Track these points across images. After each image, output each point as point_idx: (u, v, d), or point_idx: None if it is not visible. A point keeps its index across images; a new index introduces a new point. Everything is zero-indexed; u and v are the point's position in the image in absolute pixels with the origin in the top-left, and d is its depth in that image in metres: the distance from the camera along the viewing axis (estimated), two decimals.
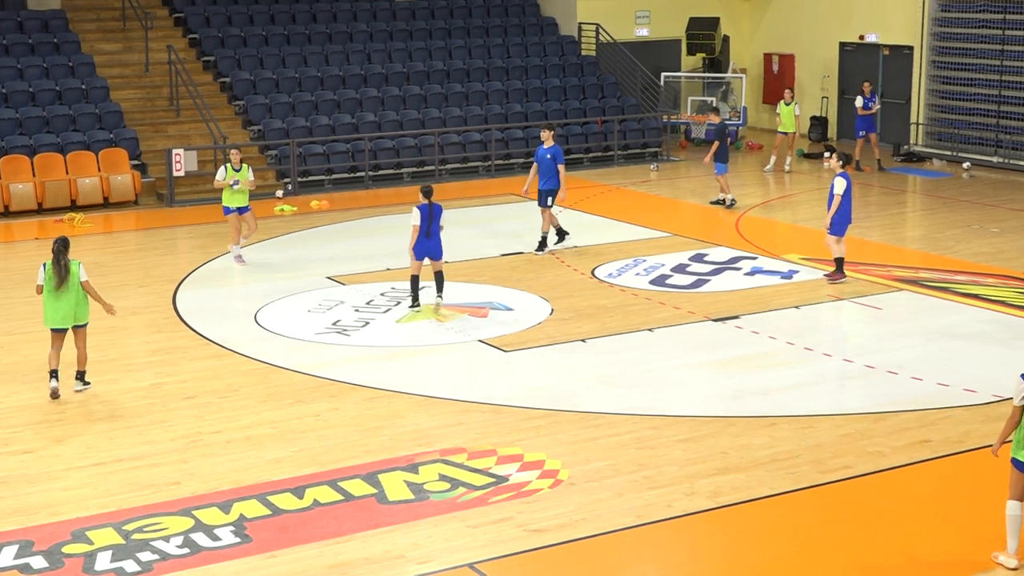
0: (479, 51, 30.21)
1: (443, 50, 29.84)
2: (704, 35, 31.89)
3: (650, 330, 15.94)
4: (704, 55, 32.31)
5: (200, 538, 10.29)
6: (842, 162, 17.95)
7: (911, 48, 29.63)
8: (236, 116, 26.82)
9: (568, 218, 22.05)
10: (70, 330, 13.66)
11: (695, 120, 30.75)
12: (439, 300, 16.92)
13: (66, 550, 10.09)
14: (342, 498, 11.04)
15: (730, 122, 30.35)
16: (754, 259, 19.55)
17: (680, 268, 18.99)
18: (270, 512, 10.77)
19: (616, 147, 28.68)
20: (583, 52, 31.61)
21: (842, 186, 17.66)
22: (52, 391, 13.64)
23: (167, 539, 10.26)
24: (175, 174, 24.15)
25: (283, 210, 23.39)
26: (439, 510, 10.79)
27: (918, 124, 29.40)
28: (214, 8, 29.10)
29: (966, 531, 10.34)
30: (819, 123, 31.44)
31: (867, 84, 27.48)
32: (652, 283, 18.15)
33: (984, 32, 28.33)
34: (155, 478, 11.49)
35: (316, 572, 9.76)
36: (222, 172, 19.28)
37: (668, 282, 18.19)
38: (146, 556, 9.98)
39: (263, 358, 14.98)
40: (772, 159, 27.64)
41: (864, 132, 27.22)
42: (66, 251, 13.55)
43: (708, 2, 33.16)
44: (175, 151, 24.16)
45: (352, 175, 26.37)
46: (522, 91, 29.33)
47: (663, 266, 19.09)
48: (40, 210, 23.35)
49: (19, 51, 26.34)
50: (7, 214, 23.19)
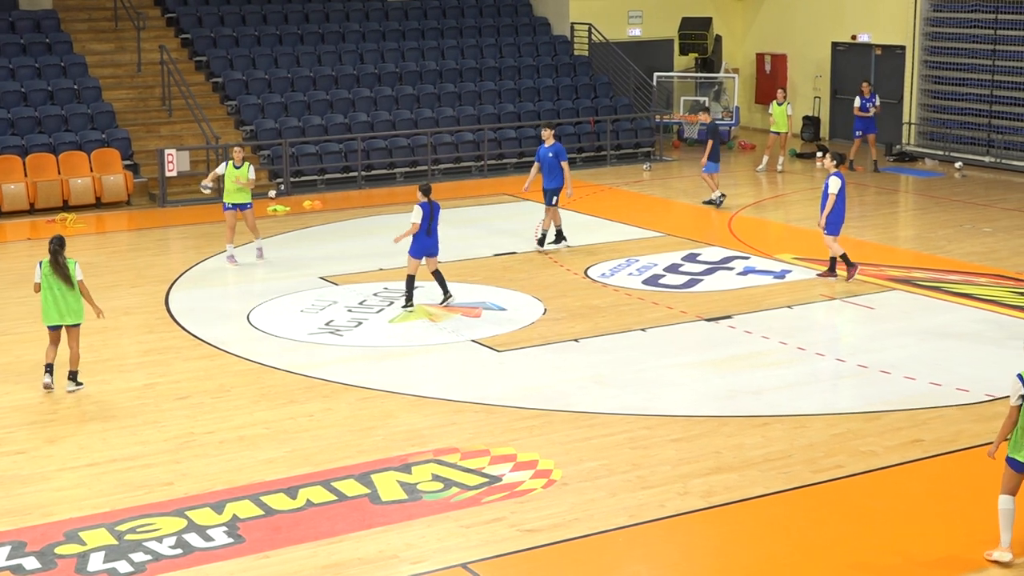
0: (472, 51, 30.22)
1: (436, 50, 29.84)
2: (696, 35, 31.90)
3: (643, 330, 15.95)
4: (697, 55, 32.33)
5: (193, 538, 10.28)
6: (836, 161, 17.98)
7: (903, 48, 29.69)
8: (228, 116, 26.79)
9: (561, 218, 22.03)
10: (64, 329, 13.68)
11: (688, 120, 30.77)
12: (450, 300, 16.91)
13: (59, 551, 10.08)
14: (335, 498, 11.04)
15: (722, 122, 30.41)
16: (747, 259, 19.57)
17: (673, 268, 19.00)
18: (263, 512, 10.76)
19: (609, 147, 28.69)
20: (576, 52, 31.62)
21: (837, 185, 17.69)
22: (45, 385, 13.72)
23: (160, 540, 10.26)
24: (167, 174, 24.13)
25: (276, 210, 23.37)
26: (432, 510, 10.79)
27: (910, 124, 29.45)
28: (206, 8, 29.07)
29: (958, 530, 10.36)
30: (811, 123, 31.47)
31: (866, 84, 27.50)
32: (645, 283, 18.16)
33: (976, 32, 28.37)
34: (148, 478, 11.48)
35: (309, 572, 9.76)
36: (222, 167, 19.52)
37: (661, 282, 18.21)
38: (139, 557, 9.97)
39: (256, 358, 14.97)
40: (765, 159, 27.66)
41: (861, 132, 27.24)
42: (63, 249, 13.57)
43: (700, 2, 33.19)
44: (167, 151, 24.14)
45: (345, 175, 26.36)
46: (515, 91, 29.34)
47: (656, 266, 19.11)
48: (32, 210, 23.32)
49: (11, 51, 26.30)
50: None
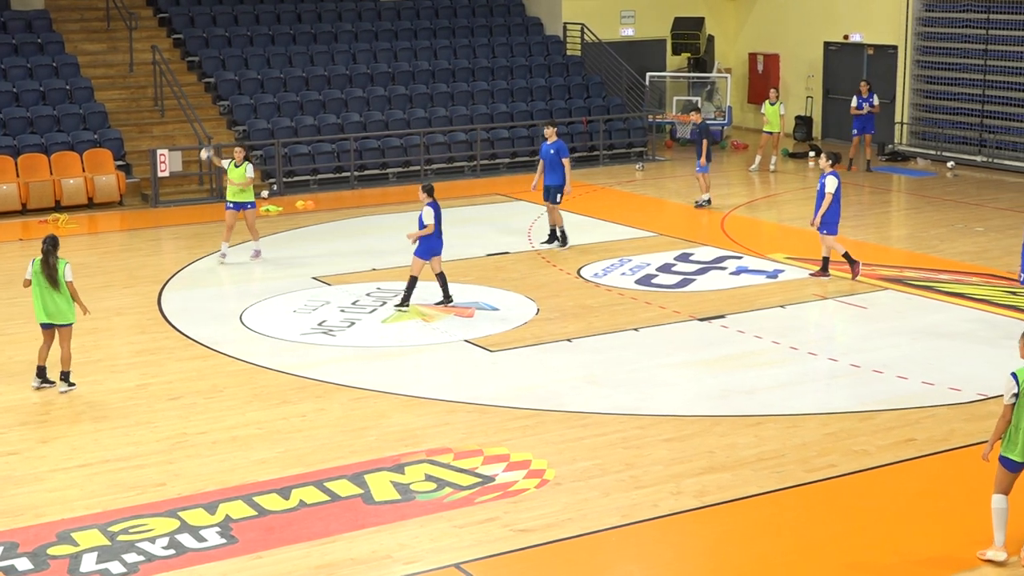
0: (464, 51, 30.21)
1: (428, 50, 29.83)
2: (689, 35, 31.92)
3: (636, 330, 15.95)
4: (689, 55, 32.34)
5: (186, 539, 10.27)
6: (831, 161, 17.98)
7: (895, 48, 29.73)
8: (221, 116, 26.76)
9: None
10: (56, 329, 13.68)
11: (680, 120, 30.79)
12: (448, 303, 16.89)
13: (51, 551, 10.06)
14: (328, 498, 11.03)
15: (714, 122, 30.43)
16: (739, 259, 19.58)
17: (666, 268, 19.01)
18: (256, 513, 10.75)
19: (601, 147, 28.70)
20: (568, 52, 31.62)
21: (834, 184, 17.71)
22: (34, 387, 13.77)
23: (153, 540, 10.24)
24: (160, 174, 24.10)
25: (268, 210, 23.34)
26: (425, 510, 10.79)
27: (902, 123, 29.49)
28: (199, 8, 29.04)
29: (951, 529, 10.37)
30: (804, 123, 31.51)
31: (863, 84, 27.54)
32: (638, 283, 18.16)
33: (968, 32, 28.42)
34: (140, 479, 11.47)
35: (302, 573, 9.75)
36: (226, 162, 19.79)
37: (654, 282, 18.21)
38: (132, 557, 9.96)
39: (249, 359, 14.95)
40: (757, 159, 27.69)
41: (857, 132, 27.28)
42: (55, 250, 13.56)
43: (693, 2, 33.21)
44: (160, 151, 24.11)
45: (338, 175, 26.35)
46: (507, 91, 29.33)
47: (649, 266, 19.11)
48: (24, 211, 23.28)
49: (2, 51, 26.25)
50: None
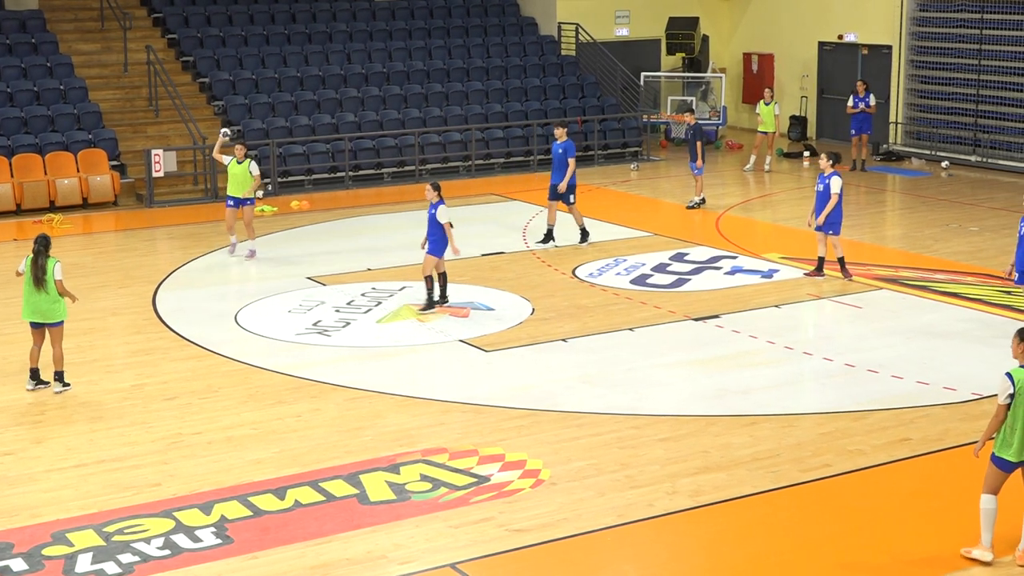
0: (459, 51, 30.20)
1: (423, 50, 29.82)
2: (684, 35, 31.93)
3: (631, 330, 15.96)
4: (684, 55, 32.35)
5: (181, 539, 10.27)
6: (832, 161, 17.97)
7: (890, 48, 29.76)
8: (215, 116, 26.74)
9: (557, 218, 22.02)
10: (46, 329, 13.68)
11: (675, 120, 30.80)
12: (444, 304, 16.86)
13: (46, 552, 10.05)
14: (324, 499, 11.03)
15: (708, 122, 30.44)
16: (734, 258, 19.59)
17: (661, 267, 19.02)
18: (251, 513, 10.75)
19: (596, 147, 28.69)
20: (563, 52, 31.62)
21: (839, 185, 17.73)
22: (30, 390, 13.76)
23: (148, 541, 10.24)
24: (154, 175, 24.09)
25: (263, 211, 23.33)
26: (421, 510, 10.79)
27: (897, 123, 29.52)
28: (193, 8, 29.01)
29: (945, 528, 10.38)
30: (798, 122, 31.52)
31: (860, 83, 27.57)
32: (633, 283, 18.17)
33: (962, 32, 28.45)
34: (136, 479, 11.46)
35: (298, 573, 9.75)
36: (228, 159, 19.93)
37: (649, 281, 18.22)
38: (127, 558, 9.95)
39: (244, 359, 14.95)
40: (752, 158, 27.70)
41: (855, 132, 27.30)
42: (46, 251, 13.55)
43: (687, 2, 33.22)
44: (154, 152, 24.10)
45: (332, 175, 26.34)
46: (502, 91, 29.33)
47: (644, 265, 19.12)
48: (19, 211, 23.26)
49: None
50: None
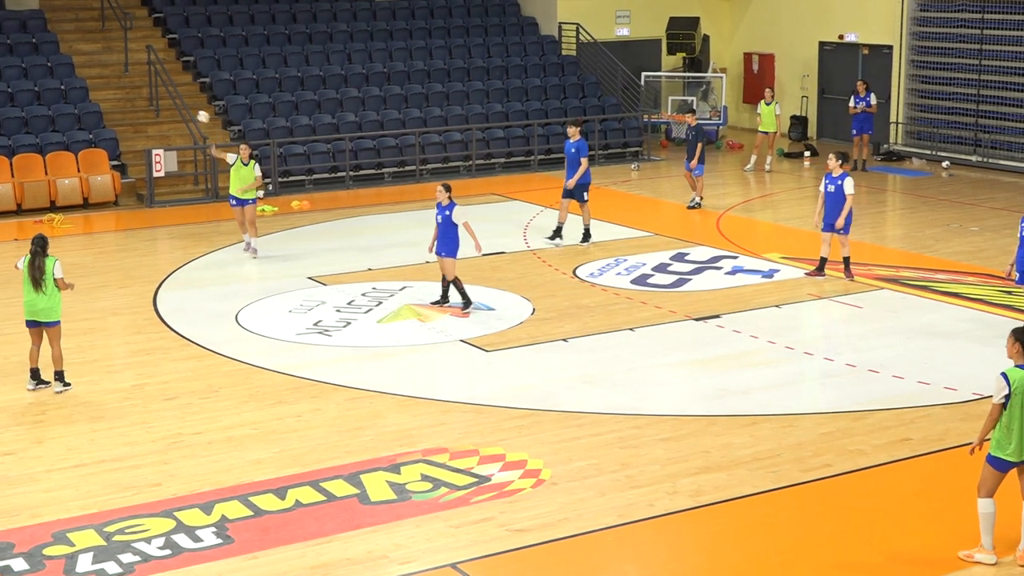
0: (459, 51, 30.20)
1: (423, 50, 29.83)
2: (684, 35, 31.92)
3: (632, 329, 15.96)
4: (684, 55, 32.35)
5: (182, 539, 10.27)
6: (841, 161, 17.96)
7: (890, 47, 29.76)
8: (216, 116, 26.74)
9: (550, 218, 22.05)
10: (43, 329, 13.68)
11: (676, 120, 30.79)
12: (444, 303, 16.86)
13: (47, 552, 10.06)
14: (324, 499, 11.03)
15: (710, 122, 30.45)
16: (735, 258, 19.59)
17: (661, 267, 19.02)
18: (252, 513, 10.75)
19: (597, 147, 28.67)
20: (563, 52, 31.62)
21: (853, 185, 17.74)
22: (31, 390, 13.77)
23: (148, 540, 10.24)
24: (155, 175, 24.09)
25: (264, 211, 23.33)
26: (421, 510, 10.79)
27: (898, 123, 29.52)
28: (193, 8, 29.01)
29: (946, 528, 10.38)
30: (799, 122, 31.52)
31: (860, 83, 27.58)
32: (633, 282, 18.17)
33: (963, 32, 28.45)
34: (136, 479, 11.47)
35: (298, 573, 9.75)
36: (232, 158, 19.99)
37: (649, 281, 18.22)
38: (127, 558, 9.96)
39: (244, 359, 14.95)
40: (752, 158, 27.70)
41: (856, 131, 27.29)
42: (43, 252, 13.55)
43: (688, 2, 33.21)
44: (155, 151, 24.10)
45: (333, 175, 26.34)
46: (503, 91, 29.33)
47: (644, 265, 19.12)
48: (19, 211, 23.26)
49: None
50: None
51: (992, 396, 9.53)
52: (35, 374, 13.83)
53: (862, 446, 12.13)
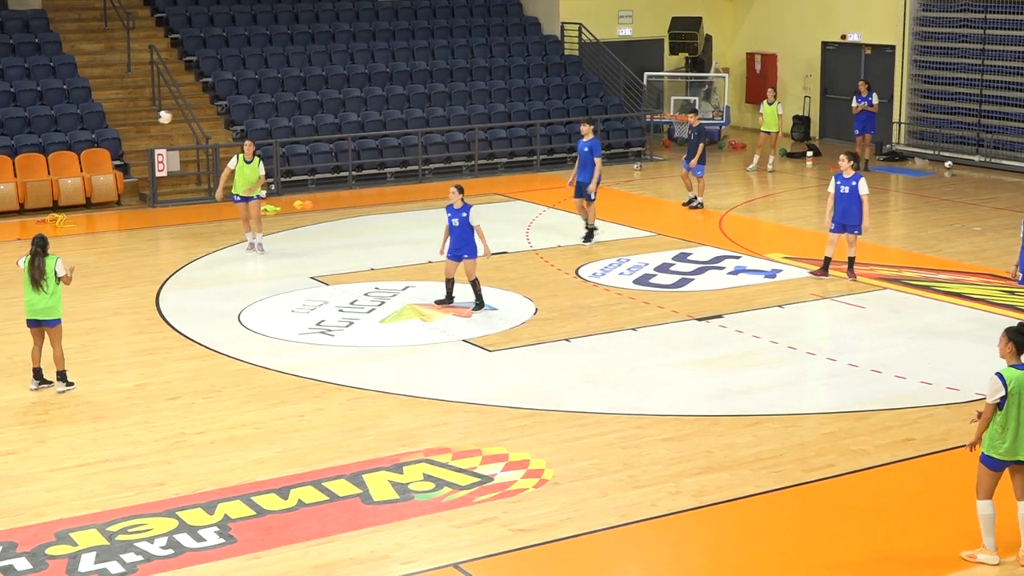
0: (462, 51, 30.20)
1: (426, 50, 29.83)
2: (686, 35, 31.91)
3: (634, 329, 15.95)
4: (687, 55, 32.34)
5: (184, 539, 10.27)
6: (853, 162, 17.96)
7: (893, 47, 29.74)
8: (219, 116, 26.76)
9: (553, 218, 22.09)
10: (44, 329, 13.68)
11: (678, 119, 30.78)
12: (447, 304, 16.83)
13: (50, 551, 10.06)
14: (327, 498, 11.03)
15: (713, 122, 30.44)
16: (737, 258, 19.59)
17: (664, 267, 19.02)
18: (254, 513, 10.75)
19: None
20: (566, 52, 31.62)
21: (866, 186, 17.73)
22: (33, 389, 13.79)
23: (151, 540, 10.24)
24: (158, 174, 24.10)
25: (266, 210, 23.32)
26: (424, 510, 10.79)
27: (900, 123, 29.50)
28: (196, 8, 29.02)
29: (949, 528, 10.37)
30: (801, 122, 31.52)
31: (862, 83, 27.57)
32: (636, 282, 18.17)
33: (965, 32, 28.43)
34: (139, 479, 11.47)
35: (300, 572, 9.75)
36: (233, 161, 20.01)
37: (652, 281, 18.22)
38: (130, 557, 9.96)
39: (247, 358, 14.95)
40: (755, 158, 27.69)
41: (858, 131, 27.28)
42: (43, 252, 13.55)
43: (690, 2, 33.20)
44: (157, 151, 24.11)
45: (335, 175, 26.34)
46: (505, 91, 29.33)
47: (647, 265, 19.12)
48: (22, 211, 23.26)
49: (0, 51, 26.24)
50: None
51: (986, 396, 9.53)
52: (37, 374, 13.84)
53: (865, 446, 12.12)
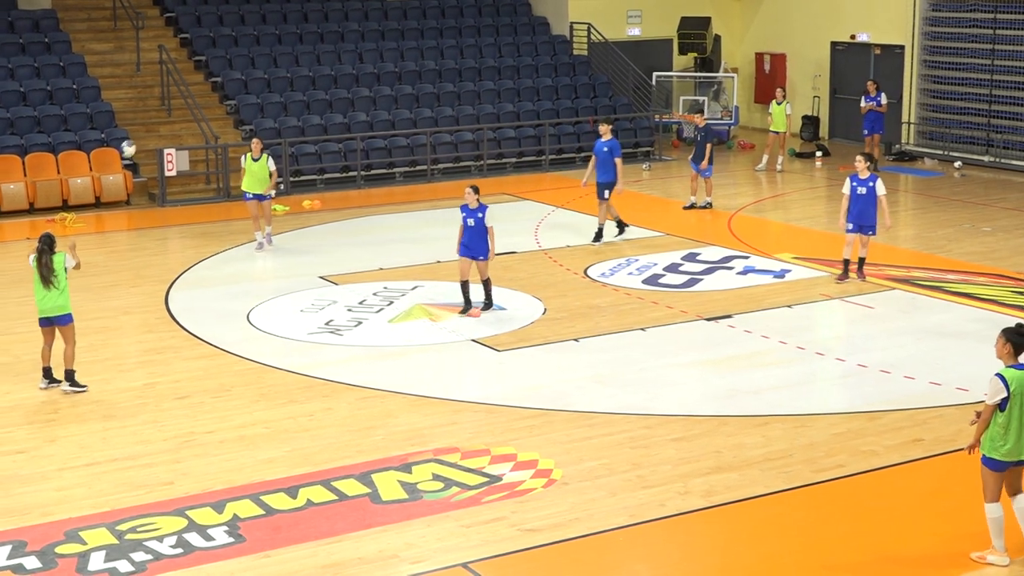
0: (471, 50, 30.21)
1: (435, 49, 29.83)
2: (695, 34, 31.90)
3: (643, 329, 15.94)
4: (696, 54, 32.32)
5: (193, 538, 10.28)
6: (869, 163, 17.93)
7: (902, 47, 29.69)
8: (228, 116, 26.78)
9: (561, 217, 22.08)
10: (56, 328, 13.69)
11: (687, 119, 30.76)
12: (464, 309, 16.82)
13: (59, 550, 10.07)
14: (335, 498, 11.04)
15: (721, 122, 30.41)
16: (746, 258, 19.57)
17: (673, 267, 19.00)
18: (263, 512, 10.76)
19: None
20: (575, 51, 31.61)
21: (883, 186, 17.71)
22: (43, 388, 13.82)
23: (160, 539, 10.26)
24: (167, 174, 24.13)
25: (275, 210, 23.33)
26: (432, 510, 10.79)
27: (910, 123, 29.46)
28: (205, 8, 29.06)
29: (959, 529, 10.35)
30: (811, 122, 31.46)
31: (870, 83, 27.55)
32: (645, 282, 18.16)
33: (975, 32, 28.38)
34: (148, 478, 11.48)
35: (309, 572, 9.76)
36: (243, 160, 20.21)
37: (661, 281, 18.20)
38: (139, 556, 9.97)
39: (256, 358, 14.96)
40: (764, 158, 27.67)
41: (867, 131, 27.25)
42: (50, 250, 13.56)
43: (699, 1, 33.17)
44: (167, 151, 24.14)
45: (344, 175, 26.36)
46: (514, 90, 29.33)
47: (656, 265, 19.11)
48: (32, 210, 23.31)
49: (10, 51, 26.29)
50: None
51: (986, 397, 9.51)
52: (47, 372, 13.86)
53: (874, 446, 12.11)
